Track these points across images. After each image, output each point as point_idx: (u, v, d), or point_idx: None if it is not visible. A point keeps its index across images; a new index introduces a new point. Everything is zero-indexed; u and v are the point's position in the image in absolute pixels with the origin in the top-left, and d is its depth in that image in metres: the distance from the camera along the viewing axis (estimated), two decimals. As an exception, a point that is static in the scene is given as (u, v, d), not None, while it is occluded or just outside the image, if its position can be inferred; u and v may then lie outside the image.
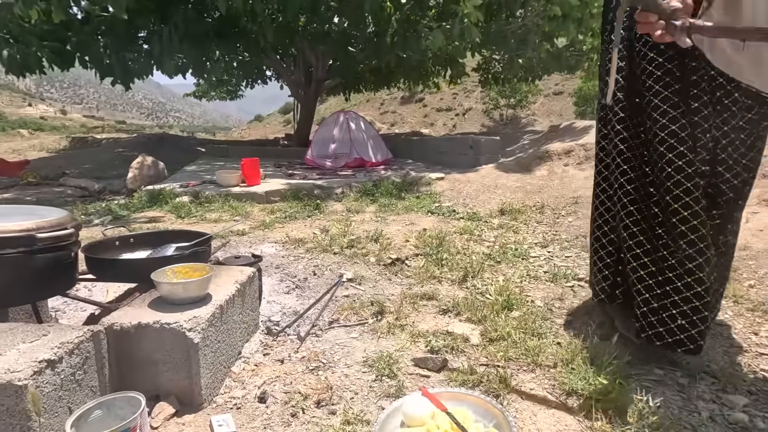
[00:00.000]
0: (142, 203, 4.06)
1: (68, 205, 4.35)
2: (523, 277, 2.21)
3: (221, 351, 1.25)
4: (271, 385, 1.26)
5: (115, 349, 1.10)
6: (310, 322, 1.67)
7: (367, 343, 1.53)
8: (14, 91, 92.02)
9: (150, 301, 1.22)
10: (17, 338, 0.95)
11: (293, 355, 1.44)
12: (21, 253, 1.09)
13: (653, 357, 1.40)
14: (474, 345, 1.51)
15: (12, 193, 4.99)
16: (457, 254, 2.52)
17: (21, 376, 0.82)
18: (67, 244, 1.20)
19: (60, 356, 0.92)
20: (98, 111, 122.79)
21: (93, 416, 0.92)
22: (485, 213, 3.71)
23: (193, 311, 1.16)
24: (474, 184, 4.92)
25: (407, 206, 3.97)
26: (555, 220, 3.48)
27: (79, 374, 0.98)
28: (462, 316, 1.73)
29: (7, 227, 1.07)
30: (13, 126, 29.44)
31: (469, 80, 13.61)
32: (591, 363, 1.33)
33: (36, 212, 1.22)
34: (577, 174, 4.89)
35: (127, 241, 1.56)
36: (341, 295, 1.95)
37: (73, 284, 1.29)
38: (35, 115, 54.26)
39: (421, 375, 1.33)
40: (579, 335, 1.57)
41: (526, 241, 2.86)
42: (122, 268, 1.40)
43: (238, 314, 1.39)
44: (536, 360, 1.39)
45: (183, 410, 1.12)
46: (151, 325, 1.10)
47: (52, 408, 0.90)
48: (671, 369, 1.36)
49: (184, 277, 1.25)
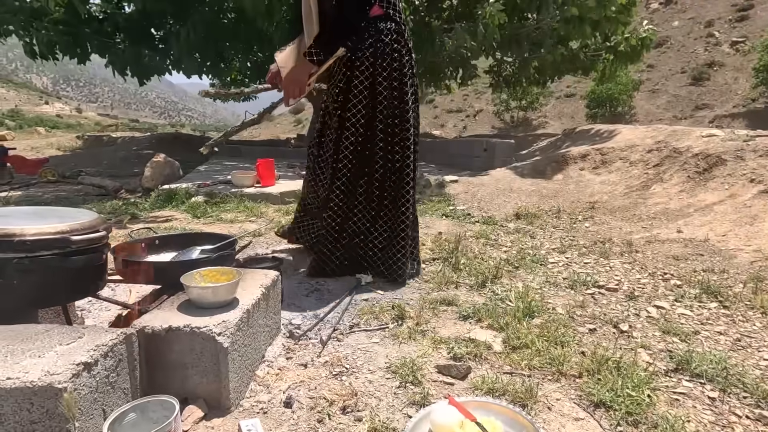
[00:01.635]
0: (158, 203, 4.11)
1: (87, 203, 4.42)
2: (543, 283, 2.19)
3: (247, 355, 1.26)
4: (296, 390, 1.27)
5: (146, 352, 1.12)
6: (331, 326, 1.67)
7: (389, 349, 1.53)
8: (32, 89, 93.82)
9: (179, 305, 1.23)
10: (54, 340, 0.97)
11: (316, 359, 1.45)
12: (55, 255, 1.10)
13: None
14: (497, 353, 1.50)
15: (32, 190, 5.08)
16: (474, 259, 2.51)
17: (60, 379, 0.84)
18: (98, 246, 1.21)
19: (96, 359, 0.93)
20: (112, 109, 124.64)
21: (127, 419, 0.93)
22: (500, 217, 3.70)
23: (222, 315, 1.17)
24: (488, 187, 4.90)
25: (421, 209, 3.97)
26: (572, 225, 3.45)
27: (113, 377, 0.99)
28: (483, 323, 1.72)
29: (43, 229, 1.09)
30: (30, 124, 29.99)
31: (480, 81, 13.55)
32: (618, 373, 1.32)
33: (69, 214, 1.24)
34: (593, 178, 4.85)
35: (152, 243, 1.58)
36: (360, 299, 1.95)
37: (103, 286, 1.31)
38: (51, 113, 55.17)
39: (446, 382, 1.33)
40: (603, 344, 1.55)
41: (543, 247, 2.84)
42: (150, 271, 1.41)
43: (263, 318, 1.40)
44: (561, 369, 1.38)
45: (211, 414, 1.13)
46: (181, 328, 1.11)
47: (87, 410, 0.91)
48: (701, 382, 1.33)
49: (211, 281, 1.26)
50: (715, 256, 2.51)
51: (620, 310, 1.88)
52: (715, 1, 19.14)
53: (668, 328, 1.68)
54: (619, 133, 5.82)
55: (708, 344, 1.59)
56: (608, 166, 4.93)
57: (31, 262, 1.07)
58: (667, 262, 2.49)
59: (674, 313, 1.85)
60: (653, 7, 21.25)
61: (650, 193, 4.03)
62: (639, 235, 3.07)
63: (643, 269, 2.39)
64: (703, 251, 2.60)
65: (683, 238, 2.84)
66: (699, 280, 2.14)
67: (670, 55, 17.78)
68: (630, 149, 4.96)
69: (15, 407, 0.82)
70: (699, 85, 15.55)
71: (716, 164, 3.84)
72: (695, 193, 3.69)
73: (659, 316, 1.82)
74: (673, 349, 1.54)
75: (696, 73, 15.80)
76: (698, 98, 14.99)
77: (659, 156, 4.54)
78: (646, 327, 1.73)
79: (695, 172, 3.94)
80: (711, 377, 1.34)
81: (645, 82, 16.60)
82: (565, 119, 17.67)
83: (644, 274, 2.33)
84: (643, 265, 2.44)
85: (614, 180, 4.63)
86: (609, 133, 5.96)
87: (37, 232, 1.09)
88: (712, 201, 3.42)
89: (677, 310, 1.88)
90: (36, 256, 1.08)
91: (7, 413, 0.83)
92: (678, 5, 20.63)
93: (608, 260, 2.55)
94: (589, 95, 15.83)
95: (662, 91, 16.18)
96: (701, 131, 4.63)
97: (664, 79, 16.68)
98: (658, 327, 1.71)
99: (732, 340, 1.62)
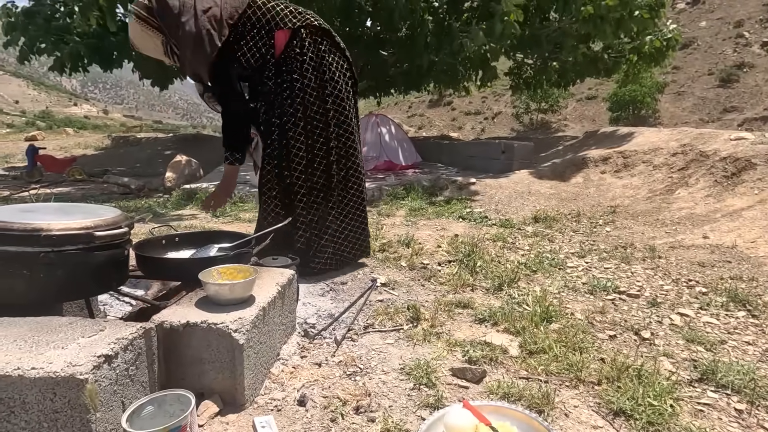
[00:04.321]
0: (180, 202, 4.20)
1: (112, 201, 4.55)
2: (561, 288, 2.15)
3: (262, 352, 1.27)
4: (310, 389, 1.27)
5: (164, 346, 1.14)
6: (346, 326, 1.68)
7: (403, 350, 1.52)
8: (61, 91, 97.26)
9: (197, 301, 1.25)
10: (77, 332, 0.99)
11: (330, 358, 1.45)
12: (80, 250, 1.14)
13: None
14: (513, 357, 1.47)
15: (62, 188, 5.26)
16: (491, 262, 2.48)
17: (82, 370, 0.86)
18: (121, 242, 1.24)
19: (116, 351, 0.95)
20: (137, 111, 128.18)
21: (145, 412, 0.95)
22: (518, 220, 3.65)
23: (238, 312, 1.18)
24: (506, 189, 4.84)
25: (438, 211, 3.95)
26: (592, 229, 3.37)
27: (132, 370, 1.01)
28: (499, 327, 1.70)
29: (70, 225, 1.12)
30: (60, 124, 31.07)
31: (499, 84, 13.43)
32: (639, 381, 1.28)
33: (94, 211, 1.27)
34: (614, 182, 4.74)
35: (172, 240, 1.61)
36: (375, 300, 1.95)
37: (125, 281, 1.34)
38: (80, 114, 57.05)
39: (460, 386, 1.31)
40: (623, 351, 1.51)
41: (562, 251, 2.79)
42: (170, 267, 1.44)
43: (278, 316, 1.41)
44: (579, 376, 1.35)
45: (226, 409, 1.14)
46: (198, 324, 1.13)
47: (107, 402, 0.93)
48: (727, 393, 1.28)
49: (229, 279, 1.27)
50: (743, 263, 2.42)
51: (642, 317, 1.83)
52: (745, 1, 18.53)
53: (692, 337, 1.62)
54: (642, 135, 5.68)
55: (735, 354, 1.53)
56: (630, 170, 4.81)
57: (56, 256, 1.11)
58: (691, 268, 2.41)
59: (699, 322, 1.79)
60: (679, 7, 20.69)
61: (674, 197, 3.92)
62: (662, 240, 2.98)
63: (666, 275, 2.32)
64: (730, 258, 2.51)
65: (709, 244, 2.75)
66: (726, 288, 2.06)
67: (696, 57, 17.28)
68: (654, 152, 4.84)
69: (39, 396, 0.85)
70: (727, 87, 15.06)
71: (745, 168, 3.71)
72: (723, 197, 3.56)
73: (683, 324, 1.76)
74: (697, 358, 1.49)
75: (724, 74, 15.30)
76: (726, 101, 14.51)
77: (684, 159, 4.41)
78: (669, 335, 1.67)
79: (723, 177, 3.81)
80: (738, 389, 1.29)
81: (670, 84, 16.16)
82: (585, 122, 17.35)
83: (667, 280, 2.26)
84: (667, 271, 2.37)
85: (637, 184, 4.51)
86: (631, 136, 5.82)
87: (62, 227, 1.12)
88: (740, 206, 3.30)
89: (702, 318, 1.82)
90: (61, 250, 1.11)
91: (31, 402, 0.85)
92: (705, 5, 20.04)
93: (630, 265, 2.48)
94: (611, 97, 15.49)
95: (688, 93, 15.73)
96: (729, 134, 4.48)
97: (690, 81, 16.21)
98: (681, 335, 1.66)
99: (761, 350, 1.56)
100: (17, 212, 1.19)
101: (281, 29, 1.89)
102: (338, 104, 2.06)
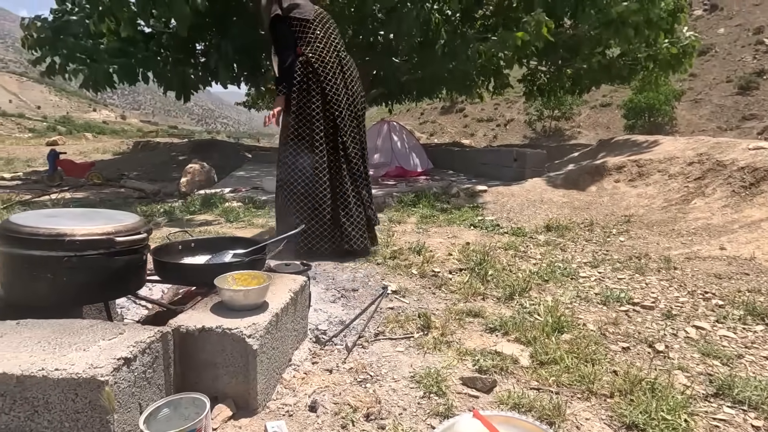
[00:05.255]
0: (194, 207, 4.27)
1: (128, 205, 4.65)
2: (573, 298, 2.13)
3: (275, 358, 1.29)
4: (321, 395, 1.29)
5: (180, 350, 1.16)
6: (357, 333, 1.69)
7: (413, 358, 1.53)
8: (81, 97, 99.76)
9: (212, 306, 1.28)
10: (97, 335, 1.03)
11: (341, 365, 1.46)
12: (101, 255, 1.17)
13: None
14: (524, 367, 1.47)
15: (81, 192, 5.39)
16: (502, 270, 2.47)
17: (103, 372, 0.89)
18: (140, 247, 1.28)
19: (135, 354, 0.98)
20: (154, 116, 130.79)
21: (161, 414, 0.97)
22: (530, 228, 3.62)
23: (252, 318, 1.21)
24: (518, 197, 4.82)
25: (449, 218, 3.94)
26: (605, 238, 3.34)
27: (149, 372, 1.04)
28: (510, 336, 1.69)
29: (92, 230, 1.16)
30: (79, 129, 31.93)
31: (512, 91, 13.41)
32: (652, 395, 1.26)
33: (115, 217, 1.32)
34: (628, 191, 4.68)
35: (188, 246, 1.65)
36: (386, 307, 1.96)
37: (142, 285, 1.38)
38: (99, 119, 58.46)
39: (470, 395, 1.31)
40: (637, 364, 1.49)
41: (574, 260, 2.77)
42: (186, 272, 1.48)
43: (291, 322, 1.43)
44: (591, 388, 1.34)
45: (239, 414, 1.16)
46: (213, 329, 1.16)
47: (125, 404, 0.96)
48: (743, 408, 1.26)
49: (243, 284, 1.30)
50: (762, 276, 2.37)
51: (656, 329, 1.80)
52: (766, 8, 18.22)
53: (708, 350, 1.60)
54: (657, 144, 5.61)
55: (753, 369, 1.50)
56: (645, 179, 4.75)
57: (79, 260, 1.15)
58: (708, 280, 2.37)
59: (715, 335, 1.76)
60: (696, 14, 20.44)
61: (691, 207, 3.86)
62: (678, 251, 2.93)
63: (681, 287, 2.28)
64: (748, 270, 2.46)
65: (726, 256, 2.70)
66: (744, 301, 2.02)
67: (714, 64, 17.02)
68: (669, 161, 4.77)
69: (61, 397, 0.88)
70: (746, 94, 14.79)
71: (764, 178, 3.63)
72: (740, 208, 3.50)
73: (699, 337, 1.73)
74: (713, 372, 1.47)
75: (743, 82, 15.04)
76: (745, 108, 14.25)
77: (701, 169, 4.34)
78: (684, 348, 1.65)
79: (741, 187, 3.74)
80: (755, 405, 1.26)
81: (687, 91, 15.94)
82: (600, 129, 17.18)
83: (683, 292, 2.22)
84: (682, 283, 2.33)
85: (652, 193, 4.45)
86: (647, 144, 5.75)
87: (86, 232, 1.16)
88: (759, 217, 3.23)
89: (719, 331, 1.79)
90: (84, 255, 1.15)
91: (53, 402, 0.88)
92: (724, 12, 19.77)
93: (644, 276, 2.45)
94: (626, 104, 15.32)
95: (705, 100, 15.48)
96: (748, 143, 4.39)
97: (708, 88, 15.96)
98: (697, 348, 1.63)
99: (780, 366, 1.52)
100: (42, 218, 1.23)
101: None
102: (334, 108, 2.62)
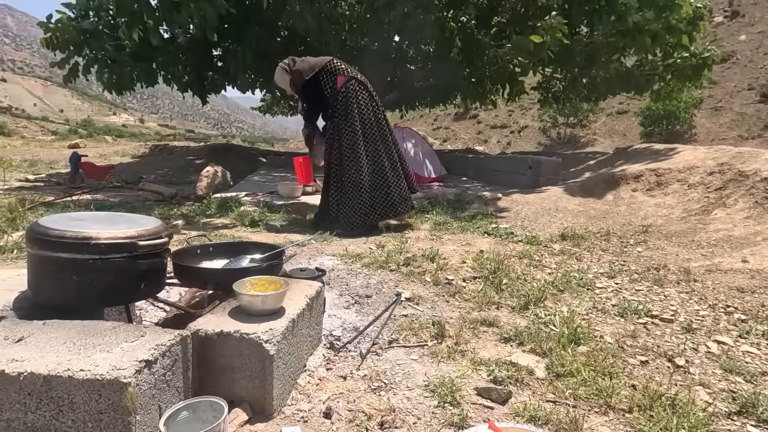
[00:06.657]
0: (211, 210, 4.33)
1: (146, 208, 4.74)
2: (590, 309, 2.10)
3: (291, 363, 1.30)
4: (335, 401, 1.29)
5: (198, 354, 1.18)
6: (371, 340, 1.69)
7: (427, 367, 1.52)
8: (102, 101, 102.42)
9: (230, 310, 1.29)
10: (120, 337, 1.05)
11: (355, 372, 1.46)
12: (124, 258, 1.20)
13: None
14: (539, 379, 1.45)
15: (101, 194, 5.52)
16: (516, 279, 2.45)
17: (126, 374, 0.91)
18: (161, 251, 1.31)
19: (155, 357, 1.00)
20: (171, 120, 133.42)
21: (180, 417, 0.99)
22: (545, 237, 3.59)
23: (269, 323, 1.22)
24: (533, 205, 4.77)
25: (462, 226, 3.92)
26: (622, 249, 3.28)
27: (169, 375, 1.05)
28: (525, 347, 1.67)
29: (116, 234, 1.19)
30: (99, 133, 32.73)
31: (526, 97, 13.35)
32: (673, 411, 1.24)
33: (137, 221, 1.35)
34: (646, 200, 4.61)
35: (207, 250, 1.68)
36: (400, 314, 1.96)
37: (162, 288, 1.41)
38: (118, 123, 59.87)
39: (485, 406, 1.30)
40: (656, 378, 1.46)
41: (590, 270, 2.73)
42: (204, 276, 1.50)
43: (306, 328, 1.44)
44: (609, 402, 1.31)
45: (255, 418, 1.17)
46: (231, 333, 1.17)
47: (146, 405, 0.97)
48: (765, 427, 1.23)
49: (261, 290, 1.32)
50: (786, 290, 2.30)
51: (676, 343, 1.77)
52: (789, 14, 17.81)
53: (731, 366, 1.56)
54: (676, 153, 5.51)
55: (777, 387, 1.46)
56: (664, 188, 4.67)
57: (103, 263, 1.18)
58: (729, 293, 2.31)
59: (738, 350, 1.71)
60: (717, 20, 20.09)
61: (711, 218, 3.77)
62: (698, 263, 2.87)
63: (702, 300, 2.23)
64: (772, 284, 2.39)
65: (749, 269, 2.63)
66: (767, 316, 1.97)
67: (735, 71, 16.67)
68: (689, 171, 4.68)
69: (86, 397, 0.90)
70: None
71: (788, 189, 3.54)
72: (764, 220, 3.41)
73: (720, 353, 1.69)
74: (736, 389, 1.43)
75: (765, 89, 14.68)
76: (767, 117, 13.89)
77: (722, 179, 4.25)
78: (705, 363, 1.61)
79: (764, 198, 3.64)
80: None
81: (707, 99, 15.62)
82: (616, 137, 16.94)
83: (704, 305, 2.17)
84: (703, 296, 2.28)
85: (670, 203, 4.37)
86: (665, 153, 5.66)
87: (110, 236, 1.19)
88: (783, 229, 3.15)
89: (741, 347, 1.74)
90: (108, 257, 1.18)
91: (78, 402, 0.90)
92: (746, 19, 19.38)
93: (663, 288, 2.40)
94: (643, 112, 15.07)
95: (726, 108, 15.15)
96: (771, 153, 4.29)
97: (729, 96, 15.62)
98: (718, 364, 1.59)
99: (806, 384, 1.48)
100: (69, 221, 1.27)
101: (341, 75, 3.42)
102: (364, 122, 3.45)
